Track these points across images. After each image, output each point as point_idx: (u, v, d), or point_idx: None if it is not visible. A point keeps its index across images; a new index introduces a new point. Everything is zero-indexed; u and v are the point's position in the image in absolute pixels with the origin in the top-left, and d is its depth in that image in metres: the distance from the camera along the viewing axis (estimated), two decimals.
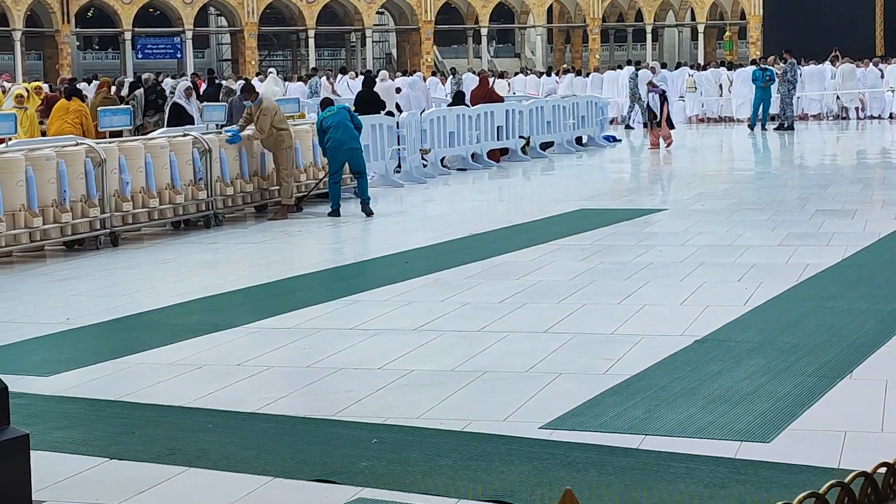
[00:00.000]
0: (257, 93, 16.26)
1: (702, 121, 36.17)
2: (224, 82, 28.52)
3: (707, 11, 63.06)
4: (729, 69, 37.37)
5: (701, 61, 52.16)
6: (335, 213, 15.81)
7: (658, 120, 26.09)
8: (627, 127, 33.90)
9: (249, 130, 15.72)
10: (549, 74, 42.16)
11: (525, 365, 7.35)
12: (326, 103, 16.35)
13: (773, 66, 32.57)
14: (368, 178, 18.38)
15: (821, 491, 2.20)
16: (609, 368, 7.18)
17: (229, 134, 15.56)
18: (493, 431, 6.00)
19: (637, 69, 34.45)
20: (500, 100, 24.44)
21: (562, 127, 26.21)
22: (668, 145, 25.94)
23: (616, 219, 14.27)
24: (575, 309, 9.02)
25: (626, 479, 5.25)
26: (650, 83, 27.65)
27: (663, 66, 41.62)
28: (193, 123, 18.52)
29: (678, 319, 8.50)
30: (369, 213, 15.70)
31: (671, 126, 26.62)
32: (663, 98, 26.45)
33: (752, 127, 31.24)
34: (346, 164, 15.94)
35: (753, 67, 33.14)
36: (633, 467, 5.41)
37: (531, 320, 8.69)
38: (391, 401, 6.68)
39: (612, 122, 34.01)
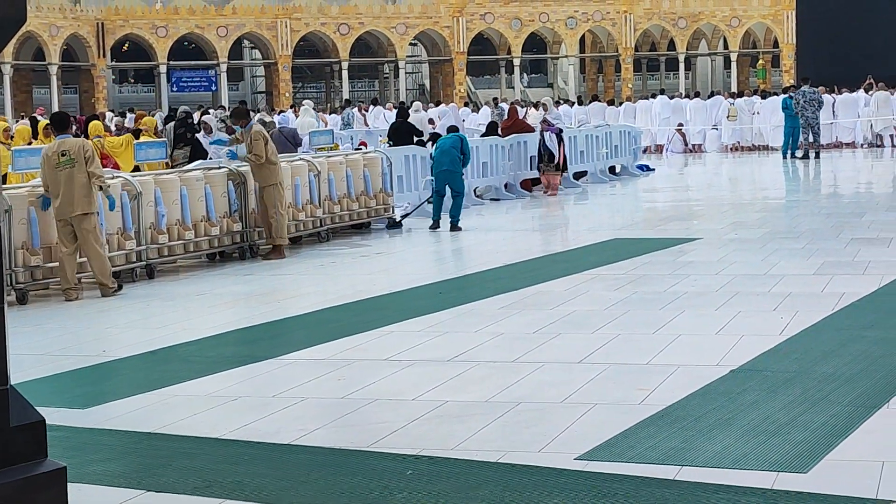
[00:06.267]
0: (249, 119, 15.76)
1: (735, 149, 36.13)
2: (258, 114, 28.66)
3: (740, 40, 63.08)
4: (763, 98, 37.34)
5: (735, 89, 52.13)
6: (435, 225, 17.53)
7: (556, 162, 23.16)
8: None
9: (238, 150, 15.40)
10: (580, 104, 42.21)
11: (560, 395, 7.34)
12: (452, 130, 18.40)
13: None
14: (402, 208, 18.60)
15: None
16: (644, 399, 7.16)
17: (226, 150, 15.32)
18: (528, 463, 5.99)
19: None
20: (531, 129, 24.49)
21: (595, 156, 26.22)
22: (553, 193, 23.04)
23: (650, 248, 14.24)
24: (610, 339, 9.00)
25: None
26: (545, 121, 24.31)
27: (557, 103, 40.49)
28: (206, 158, 18.62)
29: (713, 349, 8.47)
30: (456, 229, 17.27)
31: (564, 169, 23.69)
32: (560, 138, 23.46)
33: (785, 155, 31.17)
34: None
35: (784, 96, 33.08)
36: (669, 499, 5.38)
37: (566, 350, 8.68)
38: (426, 432, 6.68)
39: (645, 150, 33.97)
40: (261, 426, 6.93)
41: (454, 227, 17.36)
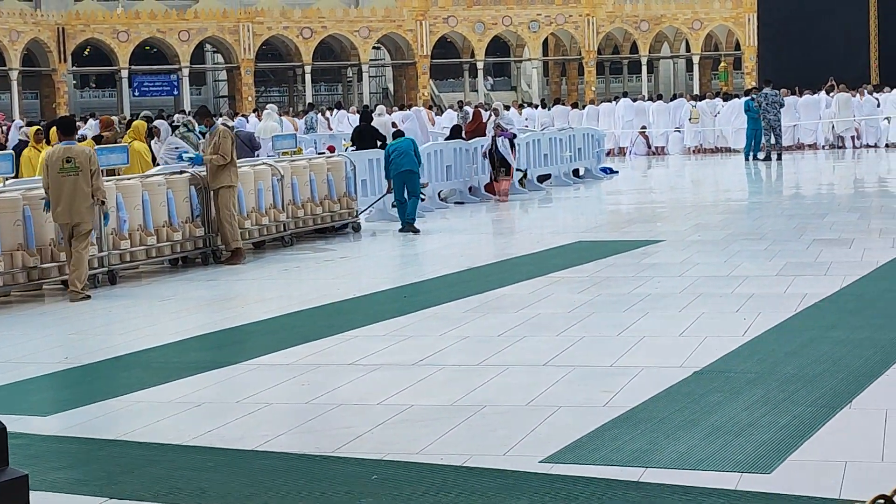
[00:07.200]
0: (213, 119, 15.65)
1: (698, 151, 36.27)
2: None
3: (702, 43, 63.39)
4: (724, 100, 37.51)
5: (697, 92, 52.40)
6: (406, 228, 17.61)
7: (507, 168, 22.65)
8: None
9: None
10: (543, 107, 42.27)
11: (525, 398, 7.34)
12: (398, 135, 18.56)
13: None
14: (367, 213, 18.62)
15: None
16: (609, 401, 7.17)
17: (189, 156, 15.29)
18: (493, 466, 5.99)
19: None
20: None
21: (559, 159, 26.27)
22: (504, 199, 22.49)
23: (614, 250, 14.28)
24: (574, 341, 9.01)
25: None
26: (498, 126, 23.25)
27: (521, 106, 40.43)
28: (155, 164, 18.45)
29: (677, 351, 8.50)
30: (415, 231, 17.46)
31: (512, 175, 23.13)
32: (512, 143, 22.88)
33: (747, 157, 31.31)
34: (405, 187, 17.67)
35: (746, 98, 33.23)
36: (634, 500, 5.39)
37: (530, 353, 8.68)
38: (391, 436, 6.66)
39: (608, 153, 34.07)
40: (225, 432, 6.90)
41: (410, 227, 17.51)
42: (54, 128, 17.15)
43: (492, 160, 22.77)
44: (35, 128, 20.80)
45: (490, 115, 24.86)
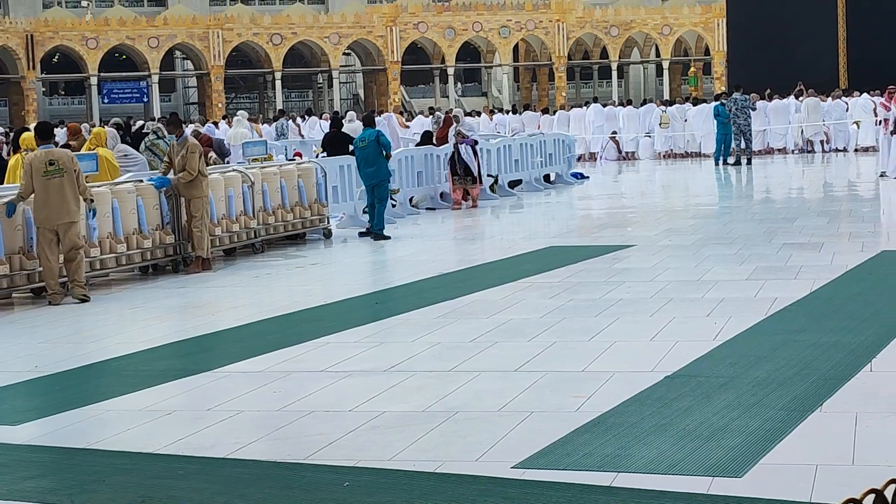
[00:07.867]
0: (183, 129, 15.57)
1: (668, 156, 36.40)
2: (193, 125, 28.51)
3: (672, 48, 63.67)
4: (694, 105, 37.65)
5: (667, 97, 52.61)
6: (382, 236, 17.55)
7: (473, 175, 22.53)
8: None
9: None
10: (514, 112, 42.34)
11: (497, 404, 7.34)
12: (368, 120, 18.80)
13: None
14: (338, 218, 18.59)
15: None
16: (580, 406, 7.18)
17: (152, 184, 14.79)
18: (465, 472, 5.99)
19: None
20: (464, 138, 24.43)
21: (530, 165, 26.31)
22: (475, 204, 22.59)
23: (585, 256, 14.30)
24: (545, 347, 9.02)
25: None
26: (459, 133, 22.84)
27: (491, 111, 40.85)
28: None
29: (648, 355, 8.51)
30: (379, 238, 17.40)
31: (480, 181, 22.99)
32: (475, 149, 22.75)
33: (717, 162, 31.43)
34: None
35: (716, 103, 33.35)
36: None
37: (502, 359, 8.68)
38: (363, 443, 6.65)
39: (579, 159, 34.13)
40: (196, 440, 6.87)
41: (377, 235, 17.50)
42: (28, 133, 17.12)
43: (453, 168, 22.60)
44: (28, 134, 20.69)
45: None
